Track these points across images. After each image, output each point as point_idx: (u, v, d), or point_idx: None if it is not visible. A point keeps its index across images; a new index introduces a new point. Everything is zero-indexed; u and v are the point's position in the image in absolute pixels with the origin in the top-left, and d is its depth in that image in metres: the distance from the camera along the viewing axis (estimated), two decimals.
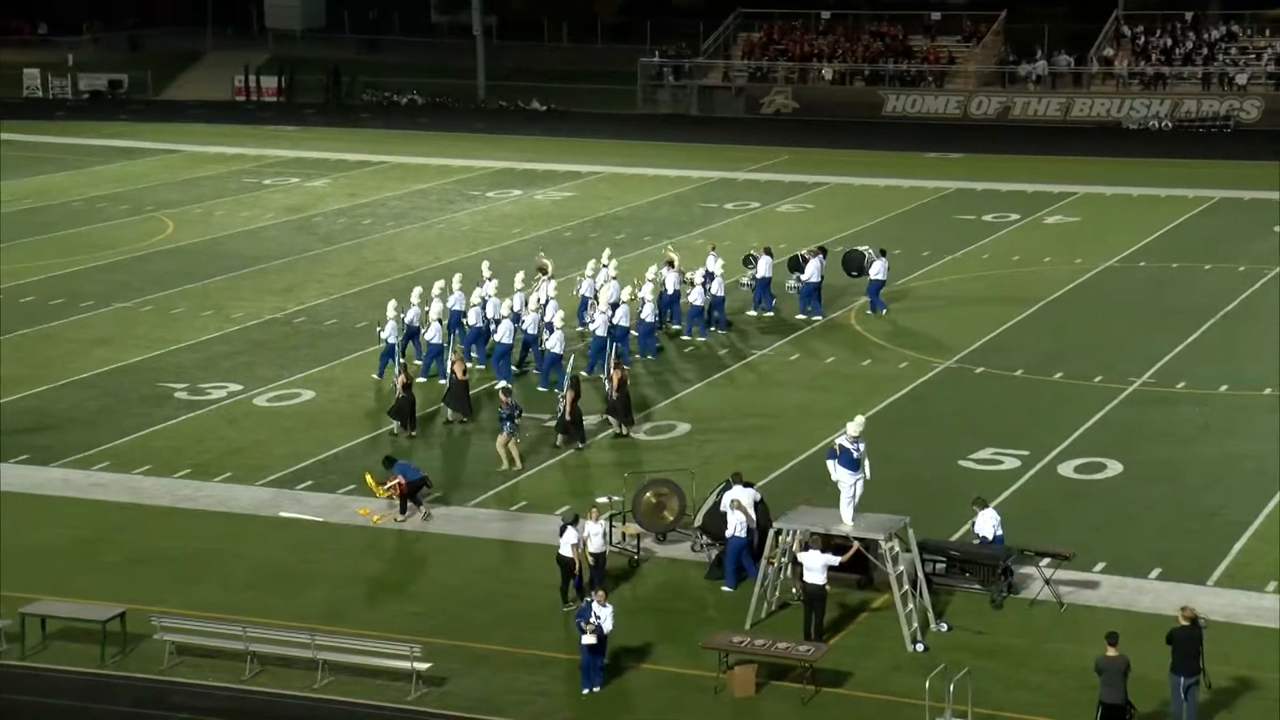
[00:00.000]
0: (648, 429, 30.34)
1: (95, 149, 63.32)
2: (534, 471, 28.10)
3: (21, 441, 29.33)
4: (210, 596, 22.89)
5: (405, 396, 29.63)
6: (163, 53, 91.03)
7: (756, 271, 38.16)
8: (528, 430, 29.30)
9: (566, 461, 28.59)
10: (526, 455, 28.36)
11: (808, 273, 38.00)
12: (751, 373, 34.03)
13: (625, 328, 33.82)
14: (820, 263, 38.10)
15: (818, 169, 58.84)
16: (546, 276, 35.52)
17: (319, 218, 50.19)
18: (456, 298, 34.41)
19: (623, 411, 29.83)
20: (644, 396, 32.11)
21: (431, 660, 20.51)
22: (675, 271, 36.81)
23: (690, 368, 34.19)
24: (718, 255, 37.93)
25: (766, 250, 38.92)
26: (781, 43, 77.20)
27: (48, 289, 40.56)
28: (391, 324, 32.42)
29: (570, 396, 29.05)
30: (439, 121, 72.21)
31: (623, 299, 34.24)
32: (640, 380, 33.21)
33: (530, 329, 33.11)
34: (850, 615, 22.50)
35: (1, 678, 20.62)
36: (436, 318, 32.63)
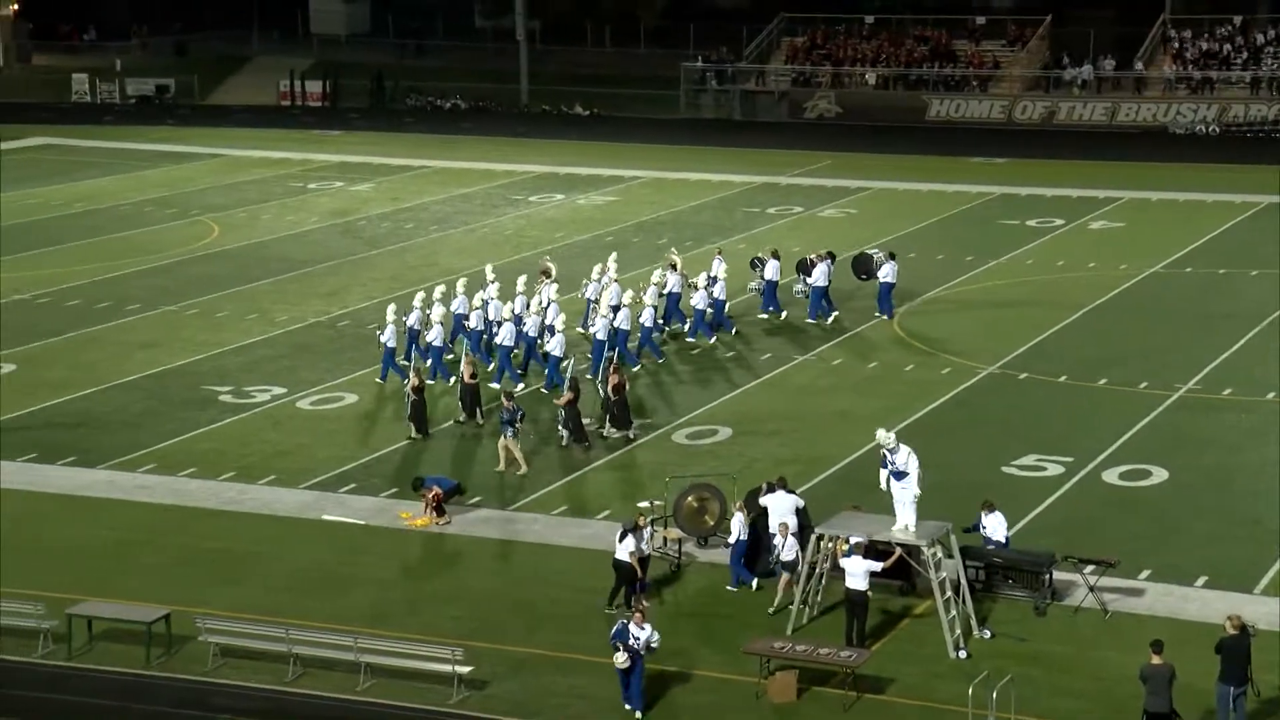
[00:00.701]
0: (689, 433, 30.32)
1: (142, 153, 63.80)
2: (574, 476, 28.13)
3: (68, 443, 29.56)
4: (254, 598, 23.00)
5: (418, 400, 29.76)
6: (209, 58, 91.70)
7: (764, 275, 38.25)
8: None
9: (609, 466, 28.60)
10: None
11: (815, 276, 38.00)
12: (794, 377, 33.96)
13: (626, 331, 34.02)
14: (828, 266, 38.11)
15: (861, 174, 58.69)
16: (549, 279, 35.68)
17: (363, 222, 50.41)
18: (460, 301, 34.59)
19: (620, 415, 29.87)
20: (685, 400, 32.09)
21: (473, 664, 20.55)
22: (678, 274, 37.00)
23: (731, 372, 34.16)
24: (723, 259, 38.06)
25: (774, 254, 38.98)
26: (825, 47, 77.06)
27: (94, 292, 40.88)
28: (391, 328, 32.62)
29: (569, 398, 29.24)
30: (482, 126, 72.40)
31: (624, 302, 34.35)
32: (682, 383, 33.24)
33: (532, 332, 33.29)
34: (892, 621, 22.42)
35: (48, 677, 20.78)
36: (438, 321, 32.76)
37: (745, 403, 32.26)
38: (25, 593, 22.42)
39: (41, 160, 62.24)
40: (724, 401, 32.27)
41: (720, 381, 33.53)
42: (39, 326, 37.53)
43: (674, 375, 34.09)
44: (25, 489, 27.39)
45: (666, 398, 32.51)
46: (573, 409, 29.23)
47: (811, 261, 38.37)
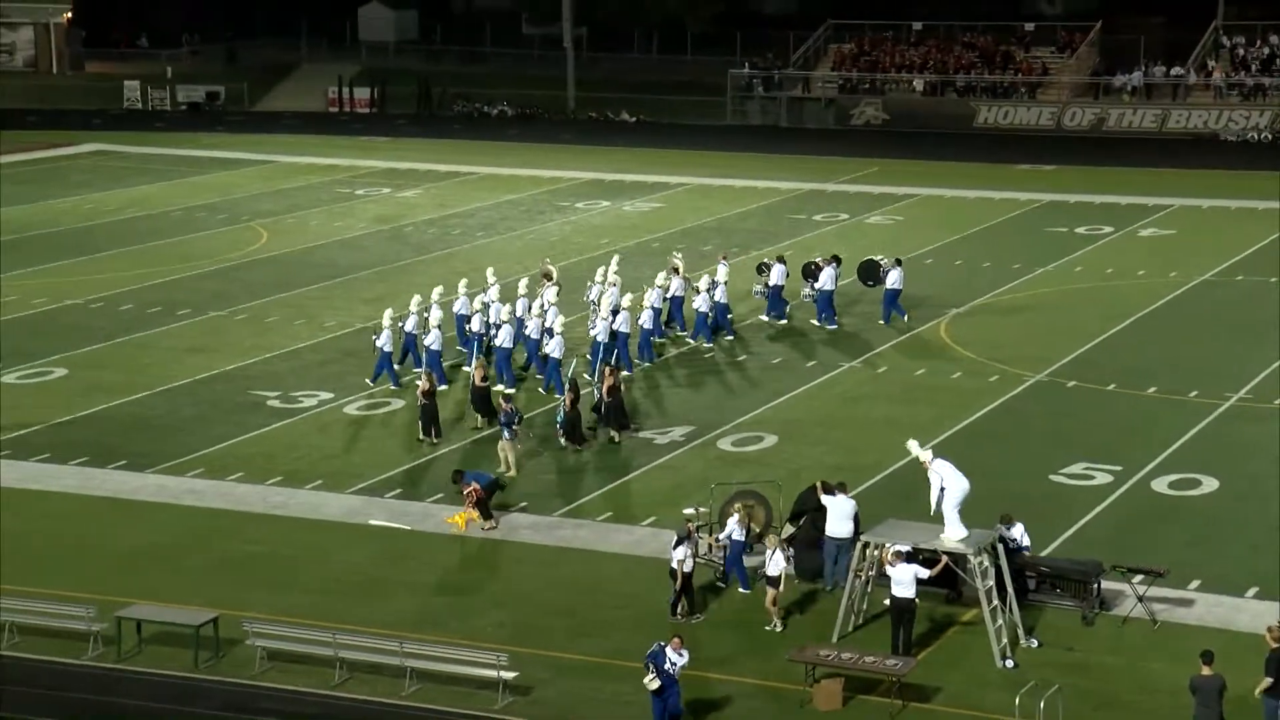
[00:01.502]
0: (734, 440, 30.30)
1: (193, 159, 64.31)
2: (620, 482, 28.15)
3: (119, 447, 29.80)
4: (300, 603, 23.12)
5: (428, 404, 29.87)
6: (259, 65, 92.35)
7: (770, 279, 38.37)
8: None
9: (655, 472, 28.61)
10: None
11: (821, 281, 38.08)
12: (840, 384, 33.88)
13: (626, 334, 34.20)
14: (834, 271, 38.15)
15: (907, 181, 58.52)
16: (551, 282, 35.87)
17: (410, 227, 50.62)
18: (461, 302, 34.76)
19: (614, 417, 30.01)
20: (732, 407, 32.07)
21: (518, 669, 20.59)
22: (681, 277, 37.19)
23: (778, 379, 34.10)
24: (728, 263, 38.28)
25: (780, 258, 39.12)
26: (872, 54, 76.89)
27: (146, 297, 41.21)
28: (387, 332, 32.77)
29: (570, 399, 29.43)
30: (528, 132, 72.60)
31: (623, 305, 34.47)
32: (729, 390, 33.22)
33: (533, 334, 33.44)
34: (939, 630, 22.32)
35: (98, 680, 20.95)
36: (435, 325, 32.91)
37: (791, 409, 32.20)
38: (76, 595, 22.62)
39: (95, 166, 62.85)
40: (770, 408, 32.22)
41: (766, 389, 33.48)
42: (91, 331, 37.87)
43: (718, 380, 34.07)
44: (77, 492, 27.64)
45: (711, 403, 32.49)
46: (572, 410, 29.48)
47: (817, 266, 38.54)
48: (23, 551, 25.01)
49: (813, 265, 38.74)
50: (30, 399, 32.67)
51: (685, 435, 30.43)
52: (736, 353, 36.19)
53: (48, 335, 37.54)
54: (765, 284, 38.49)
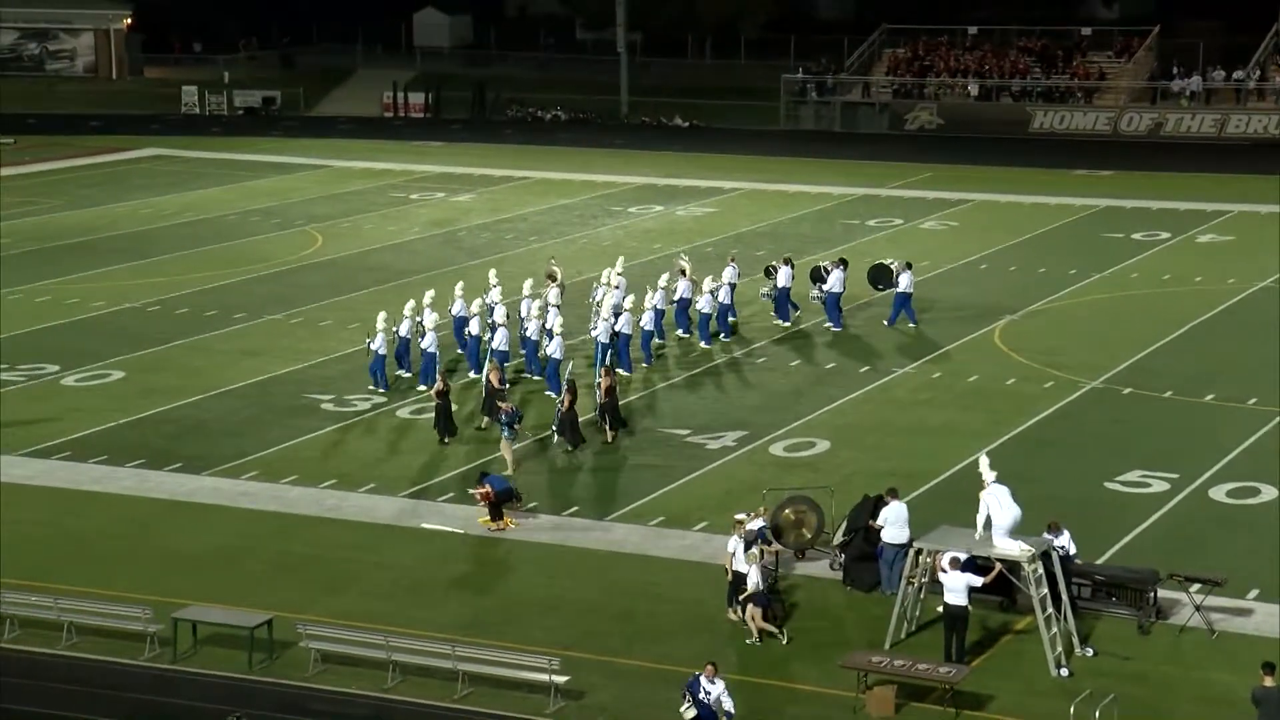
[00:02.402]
0: (786, 445, 30.22)
1: (249, 164, 64.79)
2: (672, 487, 28.13)
3: (175, 450, 30.04)
4: (353, 605, 23.22)
5: (442, 404, 30.05)
6: (315, 70, 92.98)
7: (777, 282, 38.47)
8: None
9: (707, 477, 28.57)
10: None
11: (830, 283, 38.12)
12: (893, 390, 33.73)
13: (627, 335, 34.36)
14: (842, 274, 38.25)
15: (962, 186, 58.23)
16: (556, 283, 36.06)
17: (463, 232, 50.80)
18: (459, 305, 34.95)
19: (610, 417, 30.18)
20: (785, 412, 31.99)
21: (570, 673, 20.60)
22: (687, 280, 37.32)
23: (831, 383, 33.99)
24: (737, 265, 38.51)
25: (787, 260, 39.21)
26: (927, 59, 76.57)
27: (202, 301, 41.52)
28: (381, 335, 32.94)
29: (568, 400, 29.64)
30: (582, 137, 72.71)
31: (625, 306, 34.59)
32: (782, 394, 33.14)
33: (533, 335, 33.61)
34: (993, 638, 22.18)
35: (154, 680, 21.11)
36: (431, 328, 33.09)
37: (844, 414, 32.09)
38: (133, 596, 22.81)
39: (153, 171, 63.43)
40: (823, 413, 32.12)
41: (818, 394, 33.38)
42: (148, 334, 38.19)
43: (770, 385, 34.00)
44: (134, 494, 27.87)
45: (764, 408, 32.43)
46: (570, 411, 29.67)
47: (826, 269, 38.64)
48: (81, 552, 25.26)
49: (821, 268, 38.90)
50: (89, 401, 32.98)
51: (737, 440, 30.39)
52: (790, 357, 36.12)
53: (106, 338, 37.90)
54: (773, 286, 38.68)
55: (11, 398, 33.21)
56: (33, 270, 44.76)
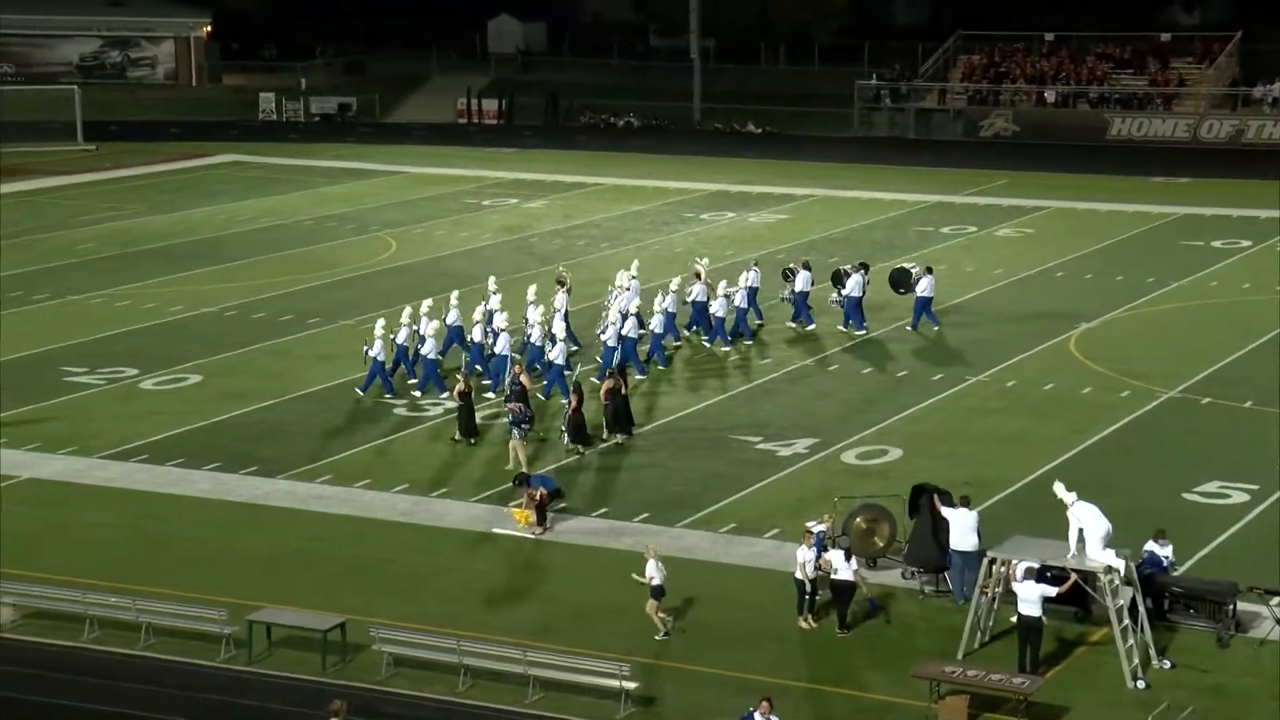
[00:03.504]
0: (859, 453, 30.08)
1: (324, 170, 65.37)
2: (743, 494, 28.07)
3: (251, 453, 30.33)
4: (425, 609, 23.34)
5: (464, 406, 30.25)
6: (390, 77, 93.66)
7: (795, 285, 38.57)
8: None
9: (778, 485, 28.49)
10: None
11: (849, 287, 38.19)
12: (966, 398, 33.49)
13: (634, 338, 34.47)
14: (862, 278, 38.28)
15: (1038, 193, 57.76)
16: (564, 289, 36.30)
17: (535, 238, 50.97)
18: (454, 314, 35.19)
19: (613, 420, 30.41)
20: (857, 419, 31.85)
21: (640, 679, 20.59)
22: (703, 284, 37.49)
23: (904, 391, 33.80)
24: (759, 270, 38.67)
25: (805, 264, 39.31)
26: (1003, 65, 76.04)
27: (277, 305, 41.92)
28: (379, 343, 33.10)
29: (574, 403, 29.82)
30: (655, 144, 72.77)
31: (632, 310, 34.68)
32: (854, 402, 33.00)
33: (536, 341, 33.81)
34: (1067, 649, 21.96)
35: (229, 682, 21.32)
36: (431, 335, 33.33)
37: (917, 422, 31.90)
38: (209, 598, 23.05)
39: (230, 176, 64.13)
40: (896, 421, 31.95)
41: (890, 402, 33.20)
42: (225, 338, 38.60)
43: (843, 392, 33.86)
44: (210, 497, 28.16)
45: (836, 415, 32.30)
46: (577, 413, 29.89)
47: (845, 272, 38.73)
48: (159, 554, 25.56)
49: (842, 272, 38.97)
50: (167, 404, 33.38)
51: (809, 447, 30.29)
52: (861, 364, 35.96)
53: (184, 342, 38.34)
54: (791, 290, 38.83)
55: (92, 401, 33.68)
56: (113, 275, 45.38)
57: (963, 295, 42.56)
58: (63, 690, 20.95)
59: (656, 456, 29.98)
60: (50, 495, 28.19)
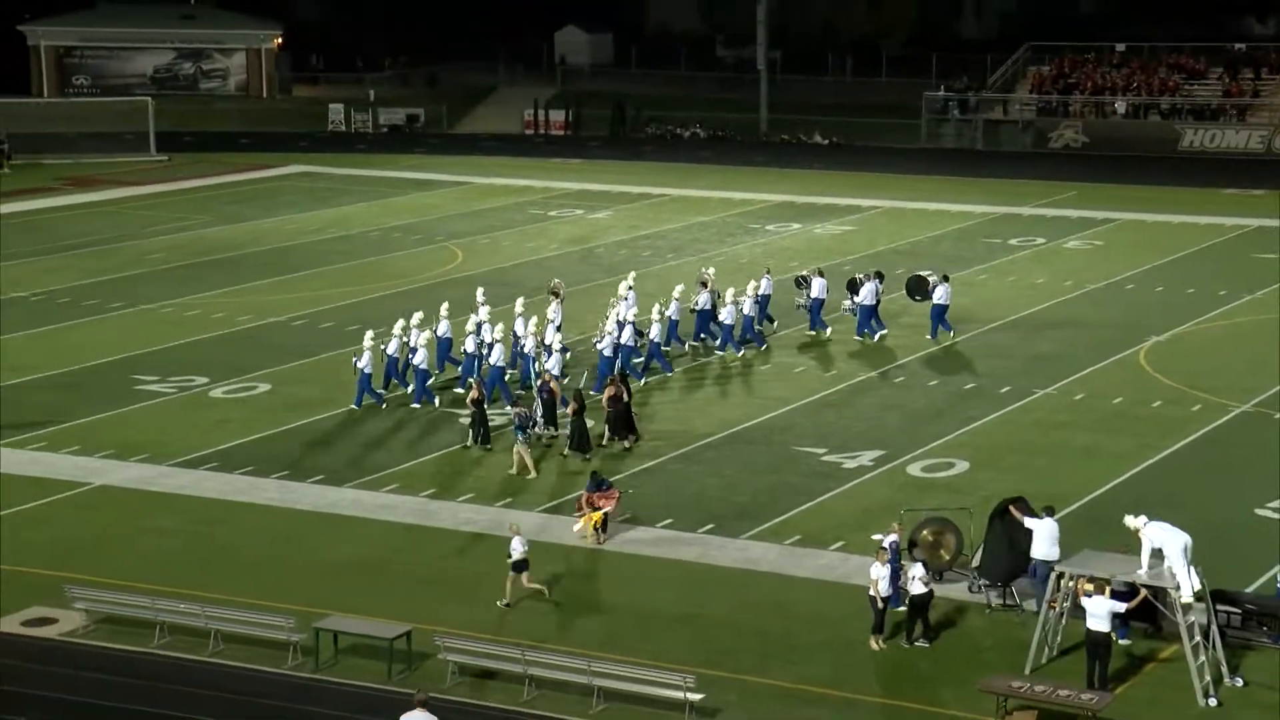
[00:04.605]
0: (925, 465, 29.90)
1: (391, 180, 65.81)
2: (809, 506, 27.96)
3: (318, 462, 30.54)
4: (490, 618, 23.39)
5: (477, 412, 30.44)
6: (458, 88, 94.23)
7: (811, 292, 38.77)
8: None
9: (844, 496, 28.36)
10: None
11: (862, 295, 38.28)
12: (1035, 411, 33.22)
13: (631, 347, 34.74)
14: (876, 286, 38.48)
15: (1108, 205, 57.28)
16: (558, 300, 36.48)
17: (601, 249, 51.07)
18: (444, 325, 35.35)
19: (617, 425, 30.69)
20: (924, 432, 31.67)
21: (704, 691, 20.55)
22: (709, 291, 37.78)
23: (971, 404, 33.57)
24: (771, 278, 39.22)
25: (819, 272, 39.50)
26: (1072, 76, 75.48)
27: (345, 315, 42.20)
28: (368, 354, 33.22)
29: (574, 409, 30.05)
30: (721, 155, 72.76)
31: (629, 319, 34.91)
32: (921, 414, 32.82)
33: (530, 351, 34.00)
34: (1137, 665, 21.72)
35: (296, 688, 21.46)
36: (422, 345, 33.51)
37: (985, 435, 31.69)
38: (276, 605, 23.22)
39: (299, 187, 64.72)
40: (963, 433, 31.74)
41: (959, 413, 33.00)
42: (294, 347, 38.91)
43: (910, 405, 33.68)
44: (278, 505, 28.37)
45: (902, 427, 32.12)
46: (578, 420, 30.09)
47: (860, 280, 38.78)
48: (228, 562, 25.78)
49: (856, 280, 39.13)
50: (236, 413, 33.69)
51: (874, 459, 30.15)
52: (928, 376, 35.77)
53: (253, 351, 38.68)
54: (807, 297, 39.00)
55: (164, 409, 34.04)
56: (183, 284, 45.88)
57: (1031, 308, 42.26)
58: (133, 695, 21.16)
59: (721, 468, 29.94)
60: (122, 501, 28.51)
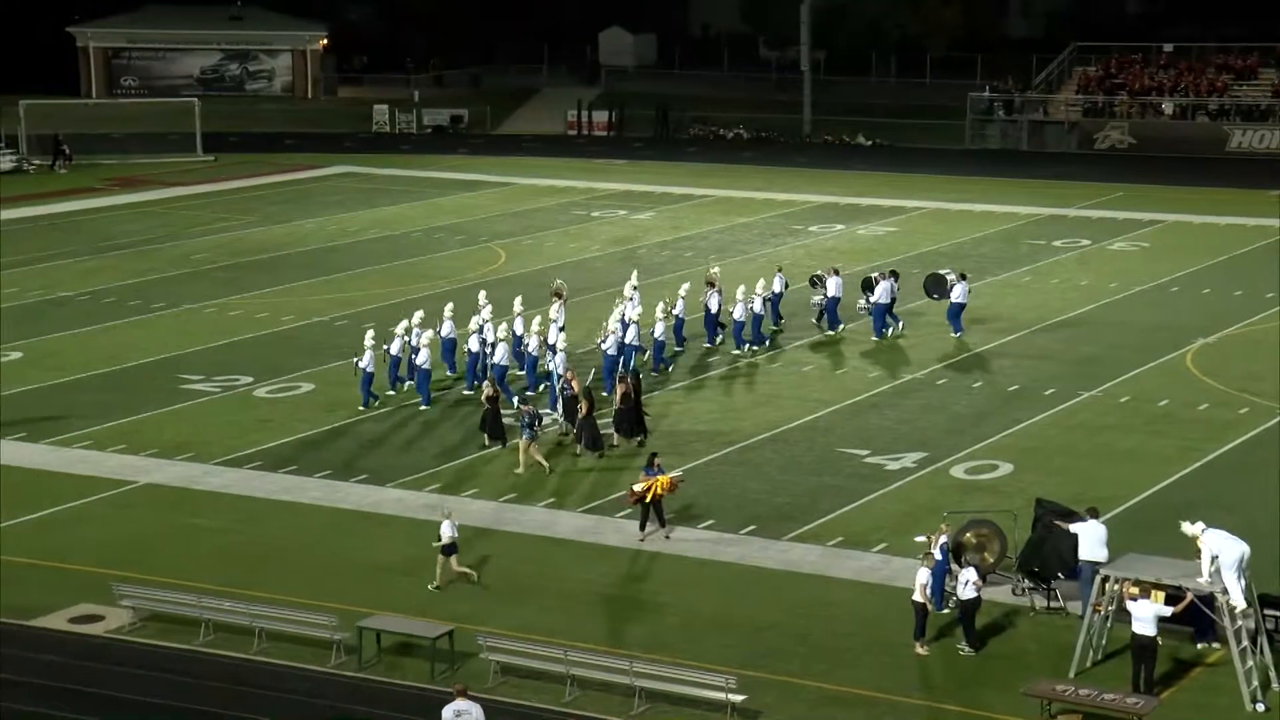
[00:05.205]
0: (968, 468, 29.76)
1: (435, 181, 65.99)
2: (852, 507, 27.88)
3: (360, 462, 30.65)
4: (532, 618, 23.43)
5: (491, 410, 30.71)
6: (502, 89, 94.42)
7: (827, 291, 38.86)
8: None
9: (886, 498, 28.27)
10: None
11: (877, 294, 38.32)
12: (1080, 413, 33.02)
13: (635, 346, 34.93)
14: (891, 285, 38.54)
15: (1154, 206, 56.89)
16: (561, 301, 36.72)
17: (643, 250, 51.06)
18: (448, 326, 35.49)
19: (627, 423, 30.80)
20: (967, 434, 31.53)
21: (746, 692, 20.51)
22: (716, 291, 37.97)
23: (1015, 406, 33.39)
24: (784, 276, 39.63)
25: (835, 271, 39.60)
26: (1119, 76, 74.99)
27: (387, 316, 42.17)
28: (369, 354, 33.27)
29: (585, 407, 30.17)
30: (764, 156, 72.65)
31: (631, 319, 35.16)
32: (964, 416, 32.67)
33: (532, 350, 34.11)
34: (1183, 670, 21.55)
35: (339, 687, 21.55)
36: (425, 345, 33.67)
37: (1029, 438, 31.51)
38: (320, 604, 23.32)
39: (343, 188, 64.98)
40: (1006, 435, 31.58)
41: (1003, 415, 32.83)
42: (336, 347, 39.02)
43: (952, 406, 33.53)
44: (321, 504, 28.49)
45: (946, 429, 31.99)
46: (588, 418, 30.26)
47: (875, 279, 38.77)
48: (272, 560, 25.91)
49: (871, 279, 39.21)
50: (280, 412, 33.85)
51: (917, 461, 30.03)
52: (971, 378, 35.60)
53: (296, 351, 38.86)
54: (823, 296, 39.11)
55: (208, 408, 34.25)
56: (227, 285, 46.14)
57: (1076, 309, 42.02)
58: (178, 692, 21.29)
59: (763, 469, 29.88)
60: (167, 500, 28.70)
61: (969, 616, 22.26)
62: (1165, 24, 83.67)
